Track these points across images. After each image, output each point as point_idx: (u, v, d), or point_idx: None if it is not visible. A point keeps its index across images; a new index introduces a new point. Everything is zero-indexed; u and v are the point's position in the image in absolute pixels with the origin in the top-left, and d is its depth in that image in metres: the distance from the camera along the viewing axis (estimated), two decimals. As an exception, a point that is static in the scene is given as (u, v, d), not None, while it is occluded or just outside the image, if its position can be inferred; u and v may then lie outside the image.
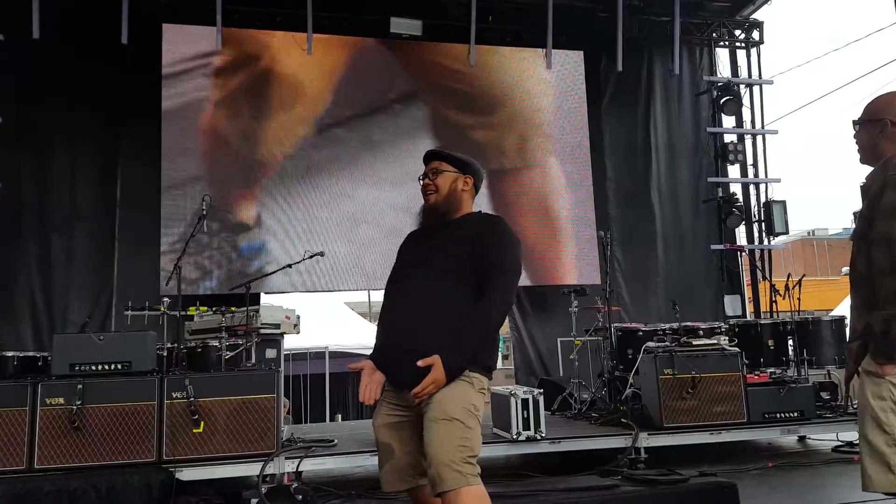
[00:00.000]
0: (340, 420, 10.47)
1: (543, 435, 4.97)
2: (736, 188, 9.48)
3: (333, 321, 11.57)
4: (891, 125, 2.37)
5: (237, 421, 4.51)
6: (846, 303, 2.51)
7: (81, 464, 4.29)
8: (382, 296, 2.77)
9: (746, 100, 9.47)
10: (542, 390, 5.21)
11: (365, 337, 11.41)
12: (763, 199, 9.31)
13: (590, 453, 4.96)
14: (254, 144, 7.77)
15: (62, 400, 4.34)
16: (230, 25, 7.69)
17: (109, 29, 7.09)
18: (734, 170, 9.42)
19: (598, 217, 8.53)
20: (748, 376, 5.48)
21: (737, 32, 9.62)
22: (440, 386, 2.34)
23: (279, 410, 4.64)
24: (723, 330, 6.11)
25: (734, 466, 4.98)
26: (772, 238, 9.24)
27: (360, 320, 13.79)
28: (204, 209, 5.14)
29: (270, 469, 4.44)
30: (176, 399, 4.47)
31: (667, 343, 5.65)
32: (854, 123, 2.50)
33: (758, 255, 9.29)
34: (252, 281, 5.94)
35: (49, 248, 7.30)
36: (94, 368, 4.53)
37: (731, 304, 9.01)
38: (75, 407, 4.30)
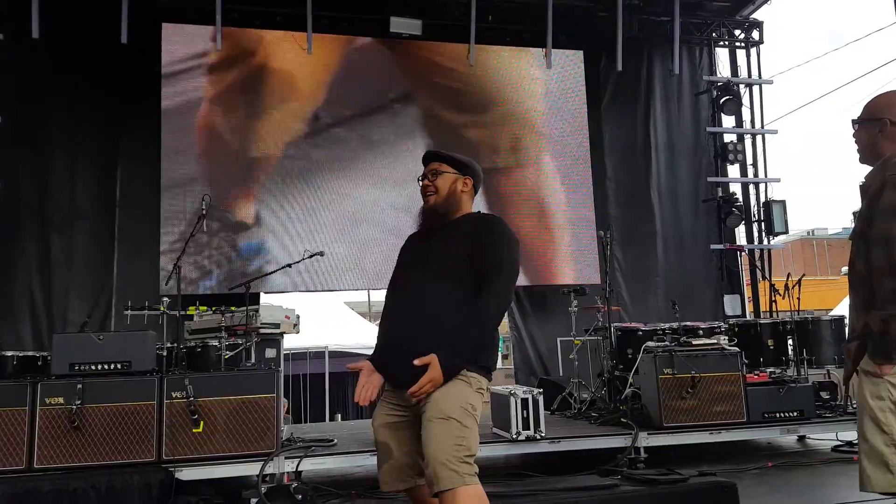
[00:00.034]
0: (340, 420, 10.47)
1: (543, 434, 4.97)
2: (736, 188, 9.49)
3: (333, 321, 11.56)
4: (890, 124, 2.37)
5: (237, 421, 4.51)
6: (846, 302, 2.50)
7: (81, 463, 4.28)
8: (384, 297, 2.77)
9: (746, 99, 9.48)
10: (542, 390, 5.21)
11: (365, 337, 11.40)
12: (763, 199, 9.32)
13: (589, 453, 4.96)
14: (253, 143, 7.77)
15: (62, 399, 4.33)
16: (230, 25, 7.69)
17: (109, 29, 7.09)
18: (734, 169, 9.43)
19: (598, 217, 8.54)
20: (748, 376, 5.47)
21: (736, 32, 9.63)
22: (437, 385, 2.34)
23: (279, 410, 4.64)
24: (722, 329, 6.11)
25: (734, 466, 4.98)
26: (771, 238, 9.25)
27: (360, 320, 13.78)
28: (204, 209, 5.14)
29: (270, 469, 4.44)
30: (175, 399, 4.47)
31: (666, 343, 5.64)
32: (853, 122, 2.49)
33: (757, 255, 9.29)
34: (252, 280, 5.94)
35: (49, 248, 7.31)
36: (94, 368, 4.53)
37: (731, 304, 9.01)
38: (75, 406, 4.30)
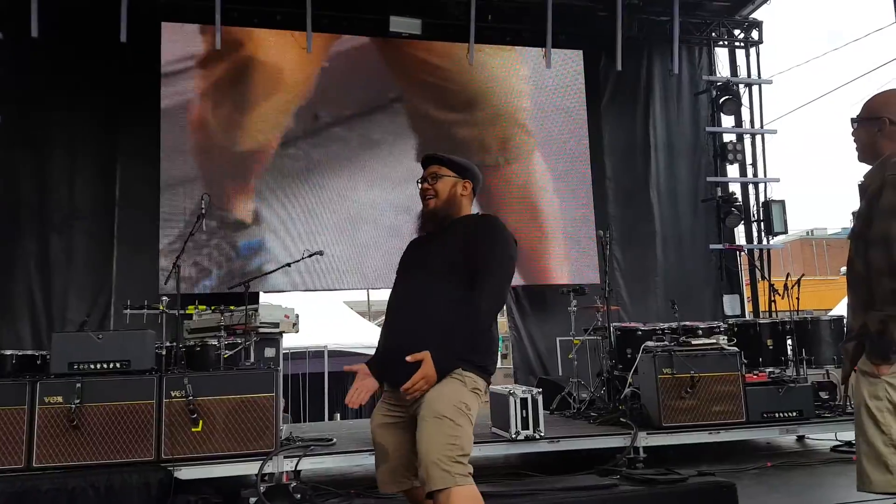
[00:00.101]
0: (339, 419, 10.44)
1: (542, 434, 4.96)
2: (735, 188, 9.49)
3: (332, 320, 11.55)
4: (889, 123, 2.36)
5: (236, 420, 4.51)
6: (845, 302, 2.50)
7: (80, 462, 4.28)
8: (383, 297, 2.77)
9: (745, 99, 9.48)
10: (541, 389, 5.21)
11: (364, 336, 11.41)
12: (762, 199, 9.32)
13: (588, 453, 4.96)
14: (252, 142, 7.77)
15: (61, 398, 4.33)
16: (230, 24, 7.68)
17: (109, 28, 7.08)
18: (733, 169, 9.43)
19: (598, 216, 8.54)
20: (747, 376, 5.47)
21: (736, 32, 9.62)
22: (430, 382, 2.33)
23: (278, 409, 4.64)
24: (722, 329, 6.11)
25: (733, 466, 4.98)
26: (771, 238, 9.25)
27: (360, 319, 13.76)
28: (203, 208, 5.13)
29: (269, 468, 4.44)
30: (175, 398, 4.46)
31: (666, 342, 5.64)
32: (852, 121, 2.49)
33: (757, 255, 9.29)
34: (251, 280, 5.94)
35: (48, 248, 7.30)
36: (93, 367, 4.52)
37: (730, 304, 9.01)
38: (74, 406, 4.30)
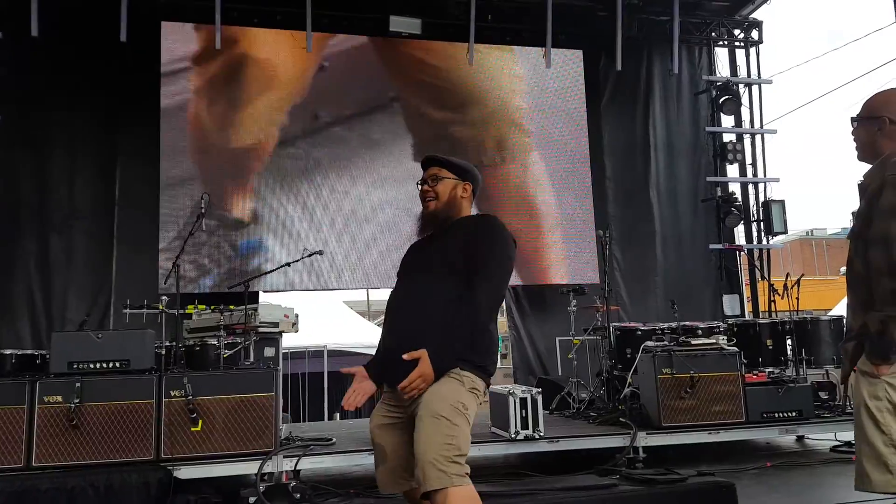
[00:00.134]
0: (339, 419, 10.44)
1: (542, 434, 4.96)
2: (735, 187, 9.49)
3: (332, 320, 11.55)
4: (889, 123, 2.36)
5: (235, 419, 4.51)
6: (844, 302, 2.50)
7: (79, 462, 4.28)
8: (383, 296, 2.76)
9: (745, 99, 9.48)
10: (541, 389, 5.21)
11: (364, 336, 11.41)
12: (762, 199, 9.32)
13: (588, 452, 4.96)
14: (252, 141, 7.77)
15: (60, 398, 4.33)
16: (230, 23, 7.68)
17: (109, 27, 7.07)
18: (733, 169, 9.43)
19: (597, 216, 8.54)
20: (746, 376, 5.47)
21: (736, 32, 9.62)
22: (428, 380, 2.33)
23: (277, 409, 4.64)
24: (721, 329, 6.10)
25: (732, 466, 4.98)
26: (770, 237, 9.25)
27: (359, 319, 13.76)
28: (203, 207, 5.13)
29: (269, 467, 4.44)
30: (174, 397, 4.46)
31: (665, 342, 5.64)
32: (852, 120, 2.48)
33: (756, 255, 9.29)
34: (251, 279, 5.94)
35: (48, 247, 7.30)
36: (93, 366, 4.52)
37: (730, 304, 9.01)
38: (73, 405, 4.29)
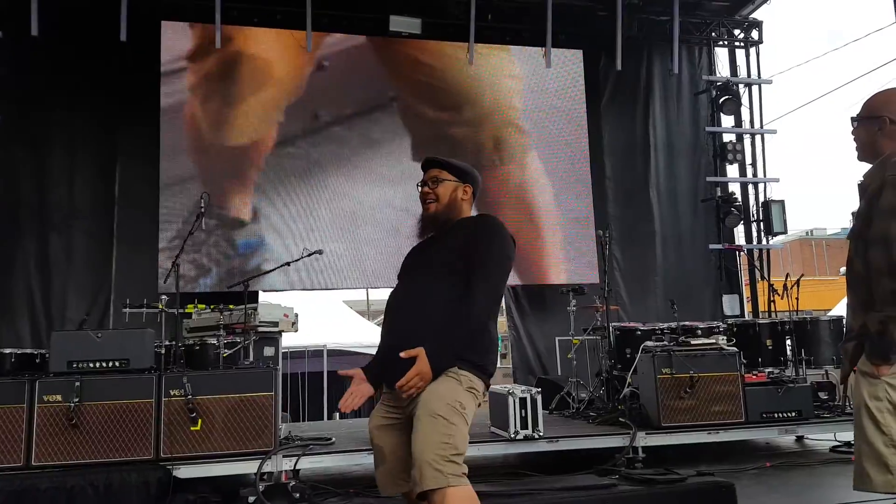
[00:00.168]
0: (338, 418, 10.44)
1: (541, 434, 4.96)
2: (735, 188, 9.49)
3: (332, 319, 11.54)
4: (889, 122, 2.36)
5: (235, 419, 4.51)
6: (844, 302, 2.49)
7: (79, 461, 4.28)
8: (382, 296, 2.76)
9: (745, 99, 9.48)
10: (540, 389, 5.21)
11: (363, 335, 11.40)
12: (762, 199, 9.32)
13: (588, 452, 4.96)
14: (251, 141, 7.76)
15: (60, 397, 4.33)
16: (229, 23, 7.67)
17: (109, 27, 7.07)
18: (733, 169, 9.43)
19: (597, 216, 8.53)
20: (746, 376, 5.47)
21: (736, 32, 9.62)
22: (426, 378, 2.31)
23: (277, 408, 4.64)
24: (721, 329, 6.10)
25: (732, 466, 4.98)
26: (770, 238, 9.25)
27: (359, 319, 13.75)
28: (202, 207, 5.13)
29: (268, 467, 4.44)
30: (174, 397, 4.47)
31: (665, 342, 5.64)
32: (852, 120, 2.48)
33: (756, 255, 9.29)
34: (250, 279, 5.94)
35: (48, 247, 7.29)
36: (92, 366, 4.52)
37: (730, 304, 9.01)
38: (73, 404, 4.30)
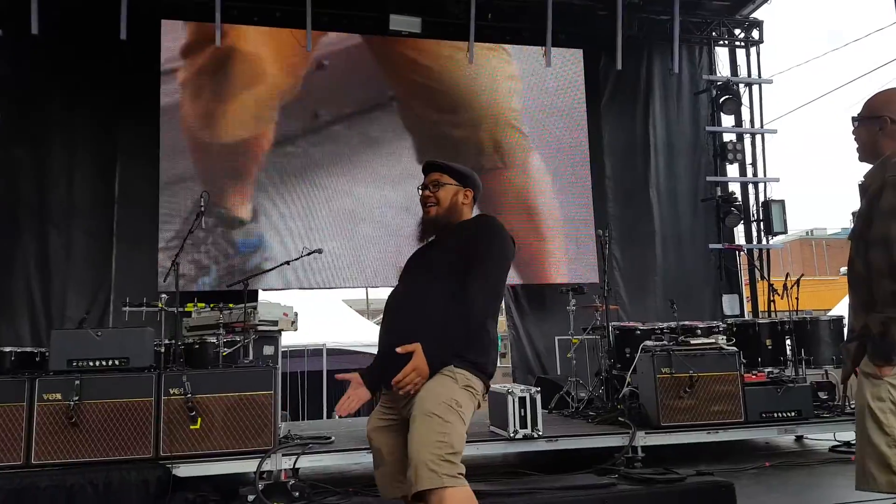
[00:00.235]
0: (338, 417, 10.44)
1: (540, 433, 4.96)
2: (735, 187, 9.49)
3: (331, 318, 11.55)
4: (890, 122, 2.35)
5: (234, 417, 4.51)
6: (844, 302, 2.50)
7: (78, 459, 4.28)
8: (382, 295, 2.75)
9: (745, 99, 9.48)
10: (540, 388, 5.21)
11: (363, 334, 11.40)
12: (762, 199, 9.32)
13: (587, 452, 4.96)
14: (251, 140, 7.76)
15: (59, 396, 4.33)
16: (229, 22, 7.68)
17: (109, 26, 7.07)
18: (733, 169, 9.42)
19: (597, 216, 8.53)
20: (746, 376, 5.47)
21: (736, 31, 9.62)
22: (422, 375, 2.31)
23: (276, 407, 4.64)
24: (721, 329, 6.11)
25: (731, 466, 4.98)
26: (770, 237, 9.25)
27: (358, 318, 13.75)
28: (202, 206, 5.13)
29: (267, 466, 4.44)
30: (173, 395, 4.47)
31: (664, 342, 5.64)
32: (853, 120, 2.48)
33: (756, 255, 9.29)
34: (250, 278, 5.93)
35: (47, 245, 7.30)
36: (92, 364, 4.53)
37: (730, 304, 9.01)
38: (72, 403, 4.30)
